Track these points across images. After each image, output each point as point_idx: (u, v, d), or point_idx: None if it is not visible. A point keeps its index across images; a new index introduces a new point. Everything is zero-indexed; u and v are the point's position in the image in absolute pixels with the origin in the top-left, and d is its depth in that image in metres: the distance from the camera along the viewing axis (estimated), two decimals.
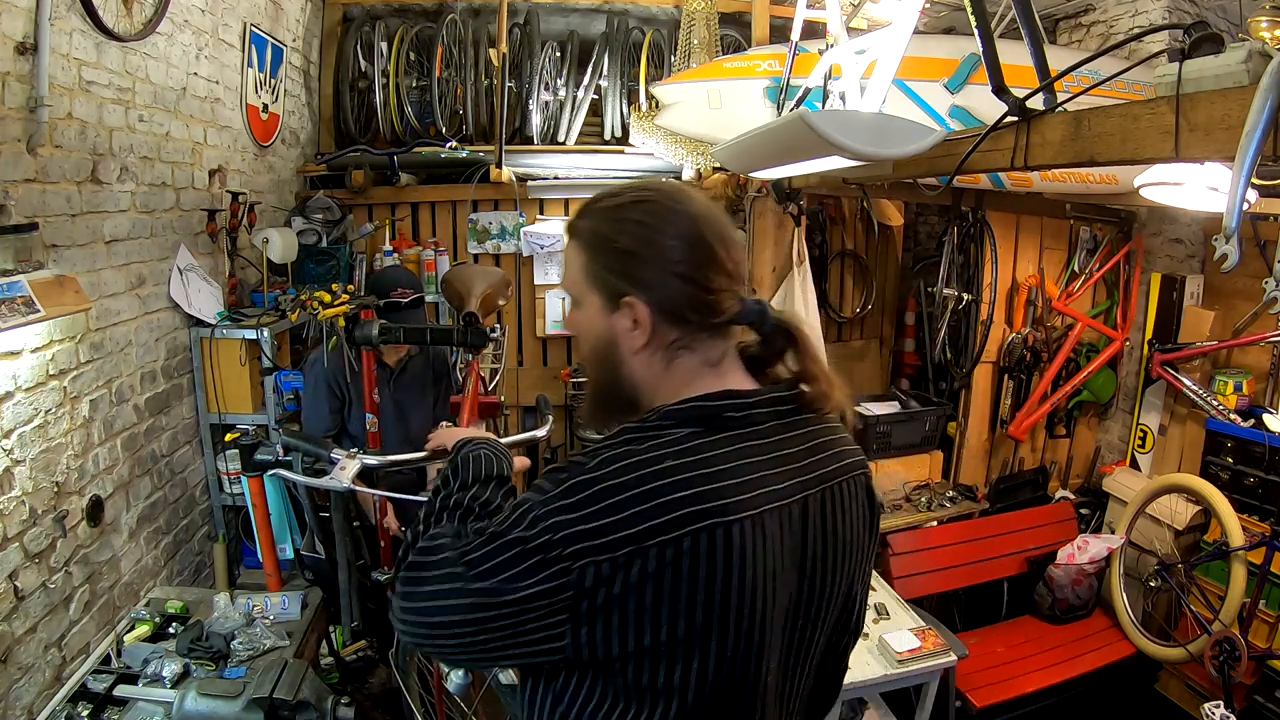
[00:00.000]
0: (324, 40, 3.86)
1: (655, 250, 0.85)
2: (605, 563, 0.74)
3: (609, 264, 0.88)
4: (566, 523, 0.75)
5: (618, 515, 0.75)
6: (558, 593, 0.75)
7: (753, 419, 0.85)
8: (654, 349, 0.88)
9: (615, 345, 0.89)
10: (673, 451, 0.79)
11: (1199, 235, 3.54)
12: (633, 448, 0.79)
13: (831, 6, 2.39)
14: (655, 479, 0.76)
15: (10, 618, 1.77)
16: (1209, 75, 1.24)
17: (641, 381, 0.90)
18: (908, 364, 4.33)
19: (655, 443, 0.80)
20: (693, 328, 0.87)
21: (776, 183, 3.27)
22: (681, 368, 0.88)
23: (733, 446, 0.82)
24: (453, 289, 2.60)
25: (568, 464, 0.81)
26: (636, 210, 0.88)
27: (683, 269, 0.85)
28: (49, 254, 1.91)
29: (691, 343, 0.87)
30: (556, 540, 0.75)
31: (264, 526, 2.23)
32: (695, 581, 0.76)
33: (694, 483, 0.77)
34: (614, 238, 0.87)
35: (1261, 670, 2.73)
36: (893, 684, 2.45)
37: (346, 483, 1.59)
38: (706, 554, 0.76)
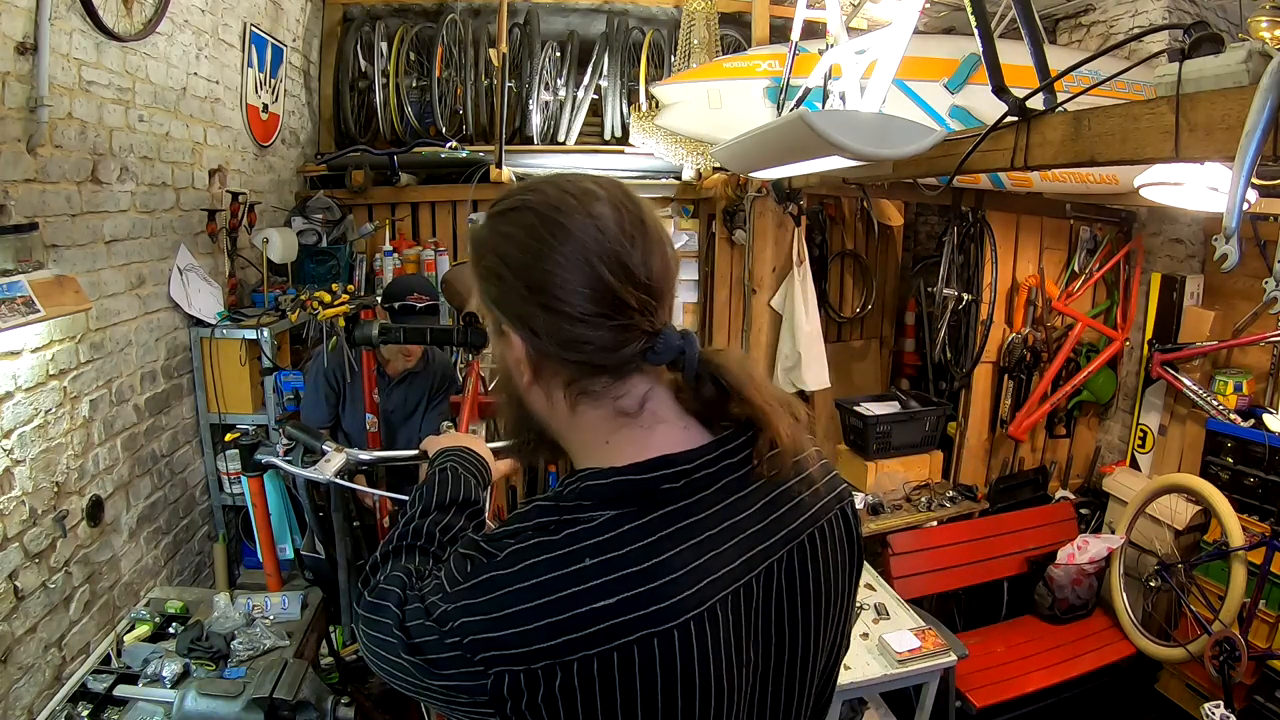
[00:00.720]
0: (324, 40, 3.86)
1: (515, 272, 0.69)
2: (521, 673, 0.63)
3: (484, 286, 0.74)
4: (473, 626, 0.65)
5: (528, 625, 0.63)
6: (476, 693, 0.65)
7: (697, 485, 0.69)
8: (548, 389, 0.73)
9: (510, 377, 0.77)
10: (593, 545, 0.64)
11: (1199, 235, 3.54)
12: (546, 539, 0.66)
13: (831, 6, 2.39)
14: (571, 583, 0.63)
15: (10, 618, 1.77)
16: (1209, 75, 1.24)
17: (547, 421, 0.77)
18: (908, 364, 4.33)
19: (572, 533, 0.65)
20: (583, 372, 0.70)
21: (776, 183, 3.27)
22: (588, 420, 0.72)
23: (671, 528, 0.67)
24: (453, 289, 2.60)
25: (476, 551, 0.68)
26: (508, 222, 0.72)
27: (546, 295, 0.67)
28: (49, 254, 1.91)
29: (590, 387, 0.71)
30: (465, 644, 0.65)
31: (264, 526, 2.22)
32: (630, 692, 0.64)
33: (620, 586, 0.63)
34: (484, 255, 0.73)
35: (1261, 670, 2.73)
36: (893, 684, 2.45)
37: (329, 475, 1.60)
38: (643, 666, 0.64)
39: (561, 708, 0.64)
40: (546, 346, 0.69)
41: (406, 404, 2.57)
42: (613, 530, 0.65)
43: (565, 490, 0.69)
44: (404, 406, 2.56)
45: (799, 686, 0.77)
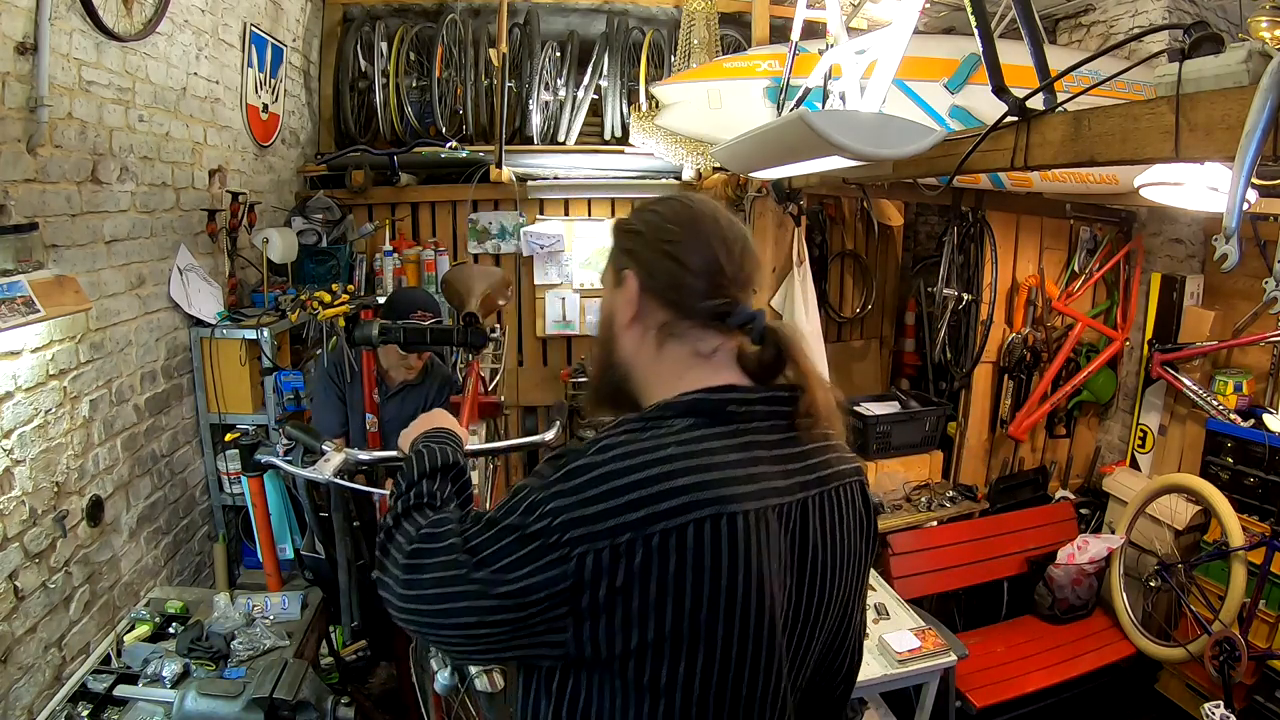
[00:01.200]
0: (324, 40, 3.86)
1: (655, 232, 0.91)
2: (605, 550, 0.72)
3: (620, 243, 0.96)
4: (565, 508, 0.74)
5: (619, 500, 0.73)
6: (556, 583, 0.73)
7: (754, 414, 0.85)
8: (644, 328, 0.91)
9: (612, 320, 0.94)
10: (676, 440, 0.78)
11: (1199, 235, 3.54)
12: (634, 435, 0.79)
13: (831, 6, 2.39)
14: (658, 465, 0.75)
15: (10, 618, 1.77)
16: (1209, 75, 1.24)
17: (633, 361, 0.93)
18: (908, 364, 4.33)
19: (657, 432, 0.79)
20: (680, 310, 0.89)
21: (776, 183, 3.27)
22: (671, 356, 0.90)
23: (735, 440, 0.82)
24: (453, 289, 2.59)
25: (566, 450, 0.80)
26: (658, 204, 0.95)
27: (674, 250, 0.89)
28: (49, 254, 1.91)
29: (679, 327, 0.89)
30: (555, 526, 0.74)
31: (264, 526, 2.23)
32: (700, 571, 0.74)
33: (697, 470, 0.76)
34: (630, 223, 0.96)
35: (1261, 670, 2.73)
36: (893, 684, 2.45)
37: (327, 474, 1.60)
38: (710, 542, 0.74)
39: (636, 591, 0.73)
40: (657, 285, 0.89)
41: (402, 413, 2.54)
42: (690, 432, 0.80)
43: (648, 410, 0.85)
44: (399, 415, 2.54)
45: (810, 641, 0.87)
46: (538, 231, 3.92)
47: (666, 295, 0.89)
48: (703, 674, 0.76)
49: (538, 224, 3.95)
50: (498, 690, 1.67)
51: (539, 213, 3.98)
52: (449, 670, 1.74)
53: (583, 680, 0.79)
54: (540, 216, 3.98)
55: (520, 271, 3.98)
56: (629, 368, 0.93)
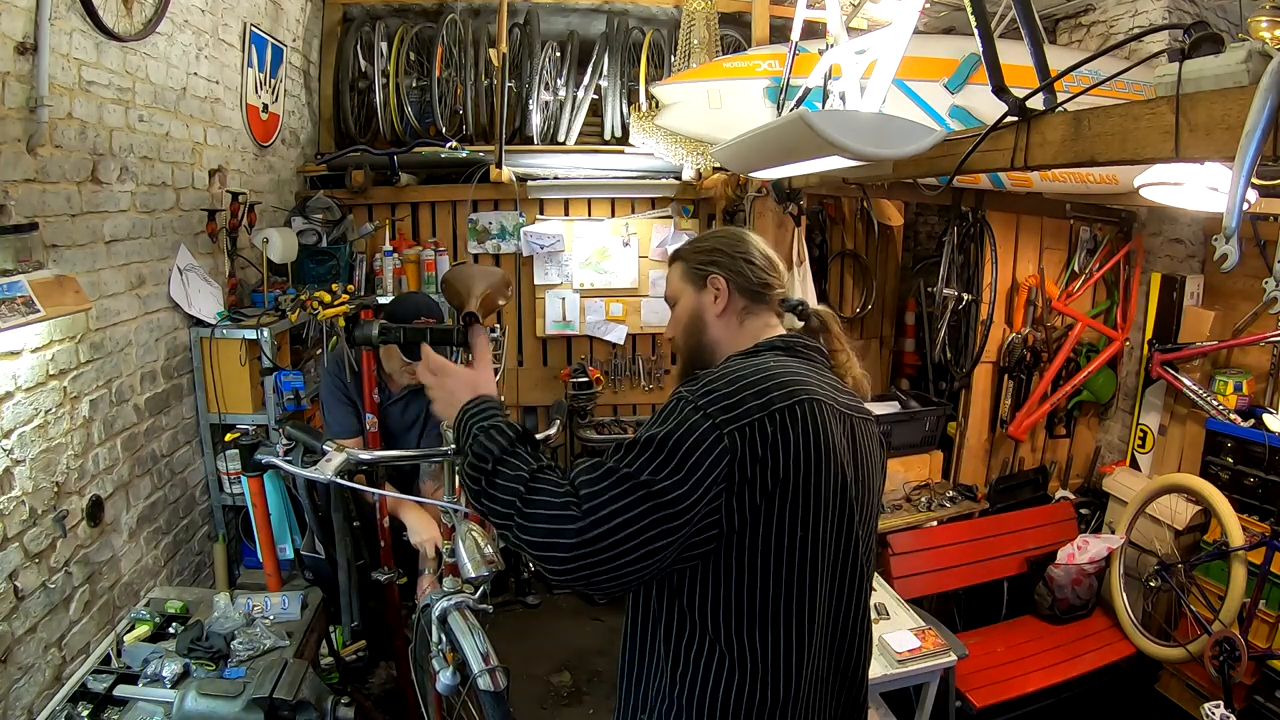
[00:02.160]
0: (324, 40, 3.86)
1: (731, 248, 1.30)
2: (747, 427, 1.00)
3: (700, 260, 1.31)
4: (711, 404, 1.02)
5: (748, 393, 1.03)
6: (719, 462, 0.98)
7: (814, 355, 1.23)
8: (730, 314, 1.28)
9: (701, 315, 1.29)
10: (772, 360, 1.14)
11: (1199, 235, 3.54)
12: (743, 361, 1.14)
13: (831, 6, 2.39)
14: (766, 372, 1.08)
15: (10, 618, 1.77)
16: (1209, 75, 1.24)
17: (720, 339, 1.28)
18: (908, 364, 4.33)
19: (757, 358, 1.16)
20: (756, 296, 1.27)
21: (776, 183, 3.27)
22: (750, 326, 1.28)
23: (807, 364, 1.18)
24: (453, 289, 2.58)
25: (696, 376, 1.11)
26: (714, 235, 1.36)
27: (750, 259, 1.28)
28: (49, 254, 1.91)
29: (756, 308, 1.28)
30: (710, 416, 1.00)
31: (264, 526, 2.23)
32: (808, 436, 1.04)
33: (791, 374, 1.10)
34: (701, 246, 1.34)
35: (1261, 670, 2.73)
36: (893, 684, 2.45)
37: (329, 475, 1.60)
38: (812, 417, 1.06)
39: (770, 456, 1.01)
40: (740, 282, 1.27)
41: (405, 418, 2.54)
42: (778, 357, 1.17)
43: (741, 352, 1.21)
44: (402, 420, 2.54)
45: (860, 528, 1.15)
46: (538, 231, 3.92)
47: (747, 288, 1.27)
48: (810, 525, 1.05)
49: (538, 224, 3.95)
50: (501, 690, 1.67)
51: (539, 213, 3.98)
52: (450, 670, 1.75)
53: (711, 566, 1.03)
54: (540, 216, 3.98)
55: (520, 271, 3.98)
56: (716, 342, 1.28)
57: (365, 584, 2.25)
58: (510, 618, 3.49)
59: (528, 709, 3.02)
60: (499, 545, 1.74)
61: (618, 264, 4.02)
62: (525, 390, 4.07)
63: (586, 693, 3.21)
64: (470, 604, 1.81)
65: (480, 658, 1.68)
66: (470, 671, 1.69)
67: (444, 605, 1.78)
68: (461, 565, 1.67)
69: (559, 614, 3.80)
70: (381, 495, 2.16)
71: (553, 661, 3.35)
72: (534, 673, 3.24)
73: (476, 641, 1.72)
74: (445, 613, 1.78)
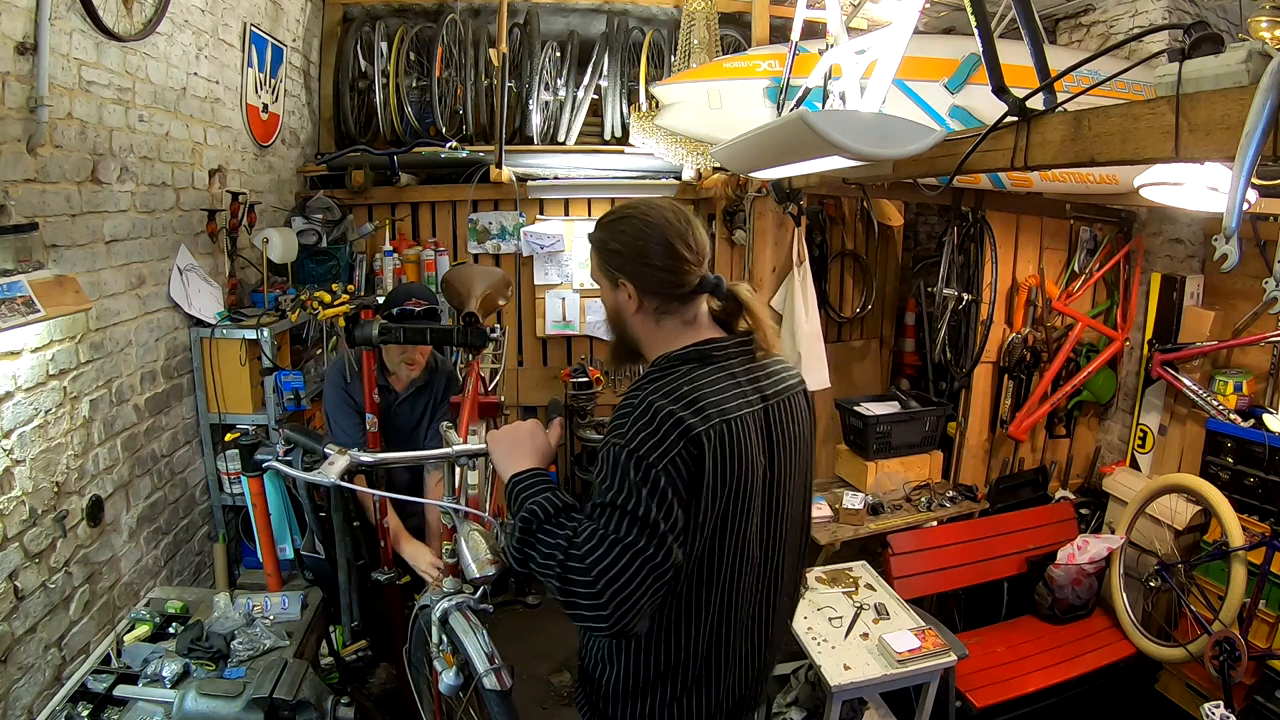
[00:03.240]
0: (324, 40, 3.86)
1: (634, 250, 1.29)
2: (681, 451, 1.14)
3: (608, 261, 1.33)
4: (645, 446, 1.13)
5: (670, 423, 1.15)
6: (676, 488, 1.13)
7: (728, 356, 1.30)
8: (644, 313, 1.32)
9: (620, 310, 1.35)
10: (686, 380, 1.22)
11: (1199, 235, 3.54)
12: (662, 378, 1.23)
13: (831, 6, 2.39)
14: (686, 394, 1.19)
15: (10, 618, 1.77)
16: (1209, 75, 1.24)
17: (640, 334, 1.35)
18: (908, 364, 4.33)
19: (674, 373, 1.24)
20: (666, 297, 1.30)
21: (776, 183, 3.27)
22: (666, 325, 1.32)
23: (718, 374, 1.26)
24: (453, 289, 2.59)
25: (622, 407, 1.21)
26: (621, 225, 1.32)
27: (652, 260, 1.27)
28: (49, 254, 1.91)
29: (669, 307, 1.31)
30: (644, 458, 1.13)
31: (264, 526, 2.23)
32: (728, 454, 1.19)
33: (707, 394, 1.21)
34: (607, 244, 1.33)
35: (1261, 670, 2.73)
36: (893, 684, 2.45)
37: (333, 478, 1.59)
38: (729, 435, 1.20)
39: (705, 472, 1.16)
40: (646, 286, 1.29)
41: (413, 415, 2.53)
42: (691, 372, 1.24)
43: (663, 363, 1.28)
44: (410, 418, 2.53)
45: (784, 505, 1.34)
46: (538, 231, 3.92)
47: (654, 290, 1.29)
48: (729, 529, 1.22)
49: (538, 224, 3.95)
50: (508, 688, 1.67)
51: (539, 213, 3.98)
52: (454, 671, 1.74)
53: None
54: (540, 216, 3.98)
55: (520, 271, 3.98)
56: (638, 338, 1.36)
57: (365, 584, 2.25)
58: (510, 618, 3.49)
59: (528, 709, 3.02)
60: (500, 544, 1.74)
61: None
62: (525, 390, 4.07)
63: None
64: (471, 604, 1.81)
65: (485, 657, 1.68)
66: (475, 671, 1.69)
67: (445, 606, 1.78)
68: (465, 566, 1.66)
69: (559, 614, 3.77)
70: (382, 496, 2.16)
71: (553, 661, 3.35)
72: (534, 673, 3.23)
73: (480, 641, 1.71)
74: (446, 613, 1.77)
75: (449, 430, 1.88)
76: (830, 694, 2.37)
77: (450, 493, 1.80)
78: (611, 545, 1.10)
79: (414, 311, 2.37)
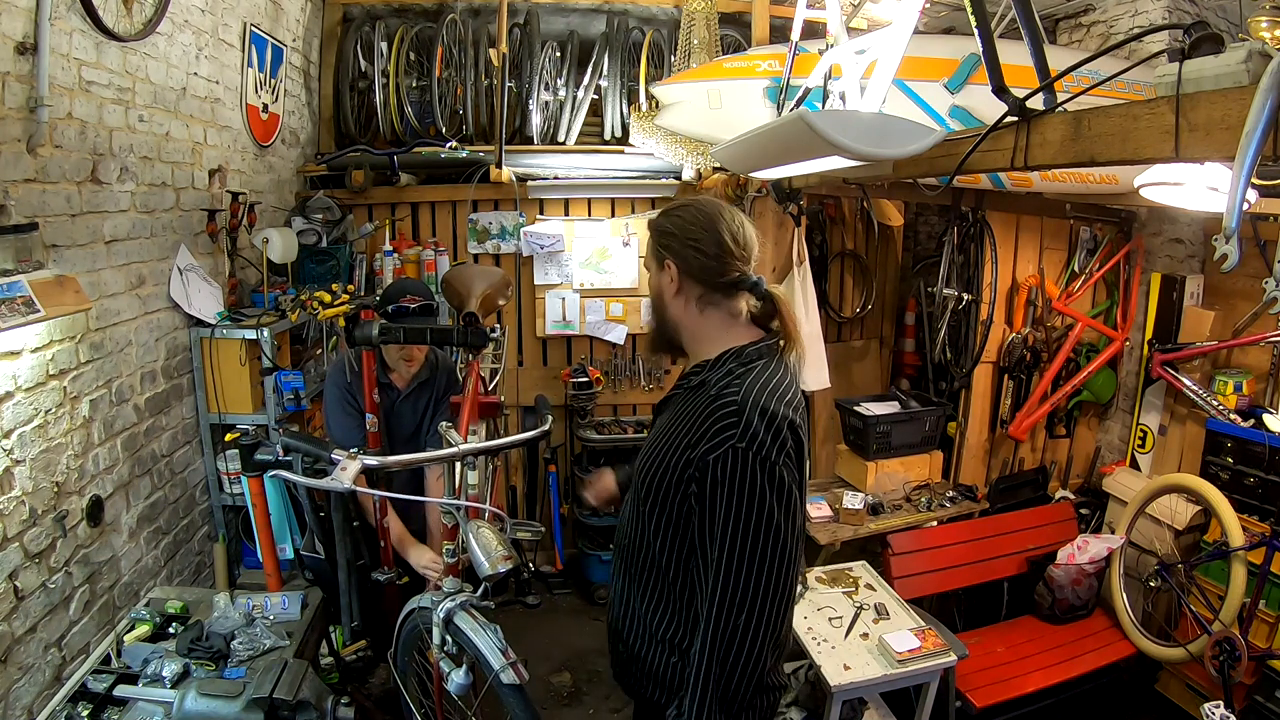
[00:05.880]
0: (324, 40, 3.86)
1: (682, 232, 1.35)
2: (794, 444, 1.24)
3: (658, 240, 1.40)
4: (767, 445, 1.20)
5: (774, 414, 1.23)
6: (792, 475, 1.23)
7: (774, 353, 1.35)
8: (686, 298, 1.37)
9: (662, 293, 1.41)
10: (767, 370, 1.30)
11: (1199, 235, 3.54)
12: (743, 370, 1.30)
13: (831, 6, 2.39)
14: (779, 388, 1.28)
15: (10, 618, 1.77)
16: (1209, 75, 1.24)
17: (679, 321, 1.39)
18: (908, 364, 4.33)
19: (755, 366, 1.30)
20: (708, 286, 1.35)
21: (776, 183, 3.27)
22: (711, 318, 1.37)
23: (784, 372, 1.32)
24: (453, 289, 2.59)
25: (719, 405, 1.25)
26: (677, 210, 1.40)
27: (700, 244, 1.33)
28: (49, 254, 1.92)
29: (712, 298, 1.35)
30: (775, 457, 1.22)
31: (264, 526, 2.23)
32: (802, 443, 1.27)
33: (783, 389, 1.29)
34: (662, 226, 1.40)
35: (1261, 670, 2.73)
36: (893, 684, 2.45)
37: (347, 483, 1.58)
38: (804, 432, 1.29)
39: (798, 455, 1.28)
40: (690, 269, 1.35)
41: (415, 413, 2.52)
42: (767, 368, 1.31)
43: (736, 360, 1.32)
44: (413, 416, 2.52)
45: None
46: (538, 231, 3.92)
47: (697, 275, 1.34)
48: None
49: (538, 224, 3.95)
50: (525, 681, 1.67)
51: (539, 213, 3.98)
52: (463, 670, 1.74)
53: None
54: (540, 216, 3.98)
55: (520, 271, 3.98)
56: (678, 325, 1.40)
57: (365, 584, 2.25)
58: (510, 618, 3.49)
59: None
60: (509, 540, 1.74)
61: (618, 264, 4.02)
62: (525, 390, 4.06)
63: (586, 693, 3.21)
64: (474, 602, 1.80)
65: (499, 653, 1.67)
66: (489, 668, 1.68)
67: (449, 606, 1.77)
68: (477, 563, 1.65)
69: (559, 614, 3.81)
70: (383, 497, 2.16)
71: (553, 661, 3.35)
72: (534, 673, 3.22)
73: (493, 638, 1.71)
74: (450, 613, 1.77)
75: (449, 430, 1.88)
76: (830, 694, 2.37)
77: (451, 492, 1.81)
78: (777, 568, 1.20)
79: (409, 309, 2.36)
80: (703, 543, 1.24)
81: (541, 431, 1.97)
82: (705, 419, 1.24)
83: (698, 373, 1.35)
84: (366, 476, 2.13)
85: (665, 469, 1.29)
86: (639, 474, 1.39)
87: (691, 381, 1.36)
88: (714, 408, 1.24)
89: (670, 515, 1.30)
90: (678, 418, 1.33)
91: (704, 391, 1.29)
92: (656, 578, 1.35)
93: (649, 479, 1.33)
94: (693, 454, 1.23)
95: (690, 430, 1.26)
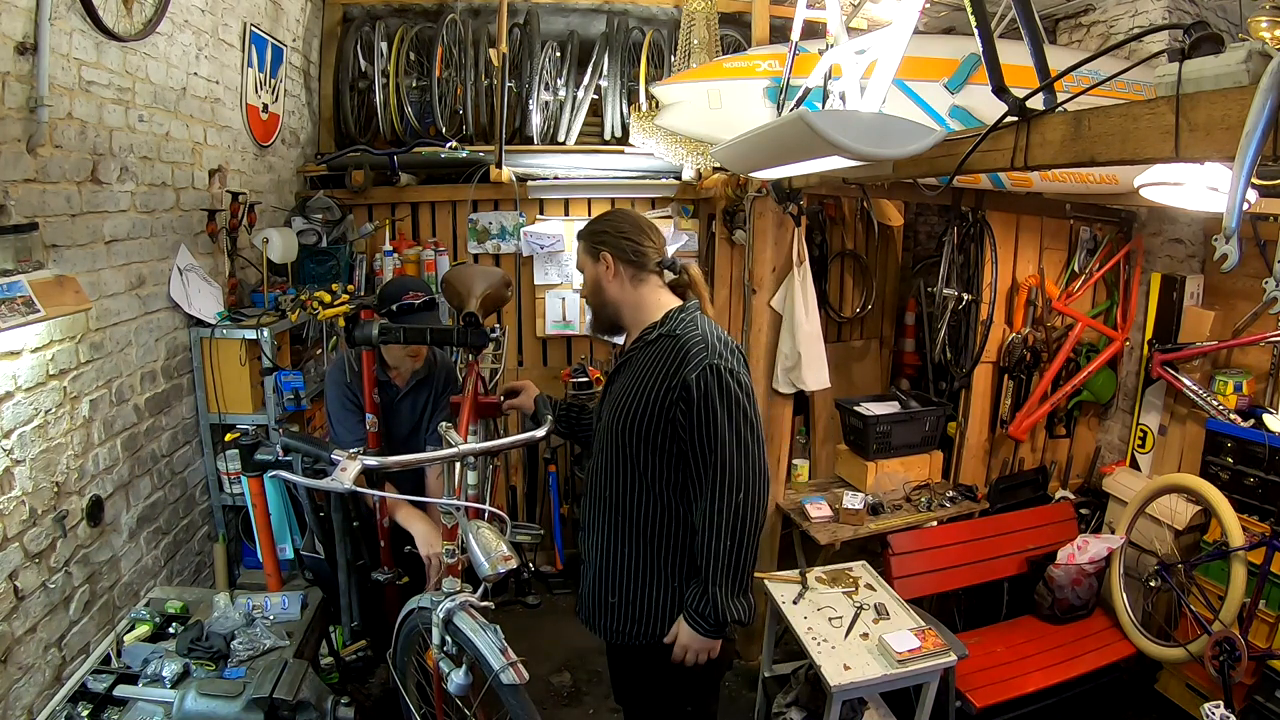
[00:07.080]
0: (324, 40, 3.86)
1: (616, 231, 1.79)
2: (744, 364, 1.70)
3: (593, 240, 1.82)
4: (731, 361, 1.66)
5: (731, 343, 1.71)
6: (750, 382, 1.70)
7: (700, 311, 1.76)
8: (621, 279, 1.78)
9: (599, 280, 1.82)
10: (710, 323, 1.74)
11: (1199, 235, 3.54)
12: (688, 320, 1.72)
13: (831, 6, 2.39)
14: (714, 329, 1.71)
15: (10, 618, 1.77)
16: (1209, 75, 1.23)
17: (620, 301, 1.80)
18: (908, 364, 4.33)
19: (701, 321, 1.72)
20: (638, 267, 1.76)
21: (776, 183, 3.26)
22: (646, 291, 1.78)
23: (711, 321, 1.75)
24: (453, 289, 2.58)
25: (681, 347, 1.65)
26: (607, 217, 1.87)
27: (628, 235, 1.78)
28: (49, 254, 1.92)
29: (642, 275, 1.78)
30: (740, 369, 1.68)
31: (264, 526, 2.23)
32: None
33: (722, 332, 1.73)
34: (595, 229, 1.84)
35: (1261, 670, 2.73)
36: (893, 684, 2.45)
37: (348, 484, 1.58)
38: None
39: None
40: (625, 256, 1.77)
41: (415, 410, 2.52)
42: (704, 317, 1.75)
43: (681, 314, 1.73)
44: (413, 414, 2.52)
45: None
46: (538, 231, 3.92)
47: (630, 259, 1.76)
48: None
49: (538, 224, 3.95)
50: (525, 681, 1.67)
51: (539, 213, 3.98)
52: (463, 670, 1.74)
53: None
54: (540, 216, 3.98)
55: (520, 271, 3.98)
56: (618, 304, 1.80)
57: (365, 584, 2.25)
58: (510, 618, 3.49)
59: None
60: (510, 541, 1.74)
61: None
62: None
63: (586, 693, 3.21)
64: (474, 602, 1.80)
65: (499, 653, 1.67)
66: (489, 669, 1.68)
67: (449, 606, 1.77)
68: (477, 564, 1.65)
69: (559, 614, 3.80)
70: (383, 497, 2.15)
71: (553, 661, 3.35)
72: (534, 673, 3.20)
73: (492, 638, 1.71)
74: (450, 614, 1.77)
75: (449, 430, 1.88)
76: (830, 694, 2.37)
77: (451, 492, 1.80)
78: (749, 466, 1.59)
79: (413, 305, 2.35)
80: (694, 447, 1.60)
81: (533, 436, 1.96)
82: (677, 353, 1.62)
83: (650, 331, 1.72)
84: (367, 476, 2.13)
85: (646, 404, 1.65)
86: (614, 424, 1.71)
87: (649, 337, 1.72)
88: (682, 343, 1.62)
89: (656, 442, 1.65)
90: (643, 367, 1.69)
91: (664, 340, 1.67)
92: (642, 519, 1.74)
93: (630, 419, 1.67)
94: (673, 381, 1.60)
95: (664, 367, 1.63)
